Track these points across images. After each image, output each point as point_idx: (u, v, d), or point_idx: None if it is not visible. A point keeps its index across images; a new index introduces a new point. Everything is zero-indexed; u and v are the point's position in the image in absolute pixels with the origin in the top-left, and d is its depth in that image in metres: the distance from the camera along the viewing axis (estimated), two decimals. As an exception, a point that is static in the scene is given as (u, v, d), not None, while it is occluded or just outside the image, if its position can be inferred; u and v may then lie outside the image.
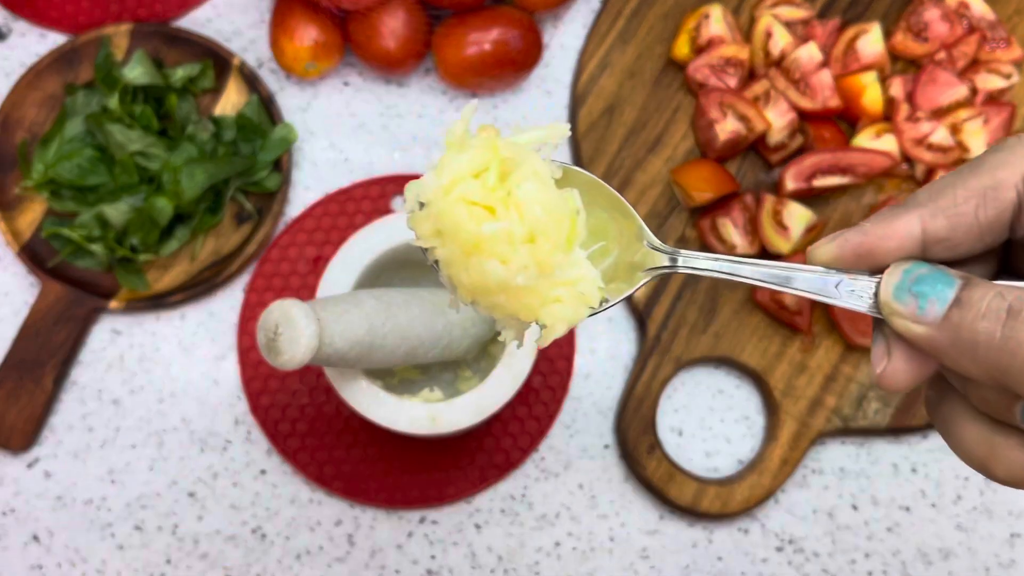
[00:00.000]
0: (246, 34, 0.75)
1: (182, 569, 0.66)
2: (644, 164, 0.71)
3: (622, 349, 0.70)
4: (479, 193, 0.27)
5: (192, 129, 0.70)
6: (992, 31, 0.73)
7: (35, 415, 0.66)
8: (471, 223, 0.27)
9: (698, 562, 0.67)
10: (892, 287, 0.26)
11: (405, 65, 0.71)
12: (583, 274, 0.28)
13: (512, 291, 0.28)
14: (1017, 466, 0.26)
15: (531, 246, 0.27)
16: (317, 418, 0.68)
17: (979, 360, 0.25)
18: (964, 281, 0.25)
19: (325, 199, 0.71)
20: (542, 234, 0.27)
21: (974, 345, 0.25)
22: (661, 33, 0.74)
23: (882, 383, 0.27)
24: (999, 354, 0.24)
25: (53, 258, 0.68)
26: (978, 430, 0.27)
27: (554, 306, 0.28)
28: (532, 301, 0.28)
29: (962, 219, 0.26)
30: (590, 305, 0.29)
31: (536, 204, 0.27)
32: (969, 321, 0.25)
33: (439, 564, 0.66)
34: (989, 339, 0.24)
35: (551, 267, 0.27)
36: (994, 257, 0.28)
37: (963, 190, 0.26)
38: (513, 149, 0.28)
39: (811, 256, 0.28)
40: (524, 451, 0.67)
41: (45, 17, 0.74)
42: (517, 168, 0.28)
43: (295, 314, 0.45)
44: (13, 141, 0.70)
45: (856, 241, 0.27)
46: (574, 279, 0.28)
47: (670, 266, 0.30)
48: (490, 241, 0.27)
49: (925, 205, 0.26)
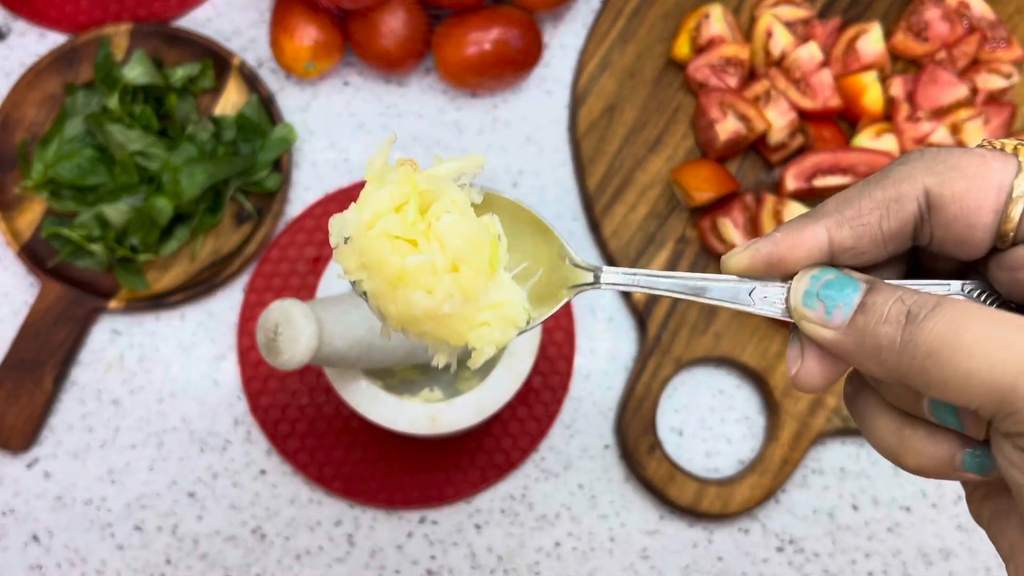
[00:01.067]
0: (246, 34, 0.75)
1: (182, 569, 0.66)
2: (644, 164, 0.71)
3: (622, 349, 0.70)
4: (400, 227, 0.28)
5: (192, 129, 0.70)
6: (992, 31, 0.73)
7: (35, 415, 0.66)
8: (394, 257, 0.28)
9: (698, 562, 0.67)
10: (801, 293, 0.27)
11: (405, 65, 0.71)
12: (508, 297, 0.29)
13: (439, 319, 0.29)
14: (924, 456, 0.27)
15: (455, 275, 0.28)
16: (317, 418, 0.68)
17: (882, 362, 0.26)
18: (868, 285, 0.27)
19: (325, 199, 0.71)
20: (464, 262, 0.28)
21: (877, 349, 0.26)
22: (661, 33, 0.74)
23: (797, 384, 0.28)
24: (899, 357, 0.25)
25: (53, 258, 0.68)
26: (889, 422, 0.28)
27: (482, 329, 0.29)
28: (460, 327, 0.29)
29: (867, 229, 0.27)
30: (516, 326, 0.30)
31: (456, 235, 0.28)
32: (872, 326, 0.26)
33: (439, 564, 0.66)
34: (891, 343, 0.25)
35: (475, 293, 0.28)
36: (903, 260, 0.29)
37: (868, 201, 0.27)
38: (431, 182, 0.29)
39: (725, 266, 0.29)
40: (524, 451, 0.67)
41: (45, 17, 0.74)
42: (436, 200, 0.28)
43: (295, 314, 0.45)
44: (13, 141, 0.70)
45: (767, 251, 0.28)
46: (499, 302, 0.29)
47: (593, 283, 0.30)
48: (414, 273, 0.28)
49: (832, 215, 0.27)
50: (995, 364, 0.23)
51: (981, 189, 0.26)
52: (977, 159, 0.26)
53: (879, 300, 0.26)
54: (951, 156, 0.26)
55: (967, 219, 0.26)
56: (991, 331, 0.24)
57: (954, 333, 0.24)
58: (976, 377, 0.23)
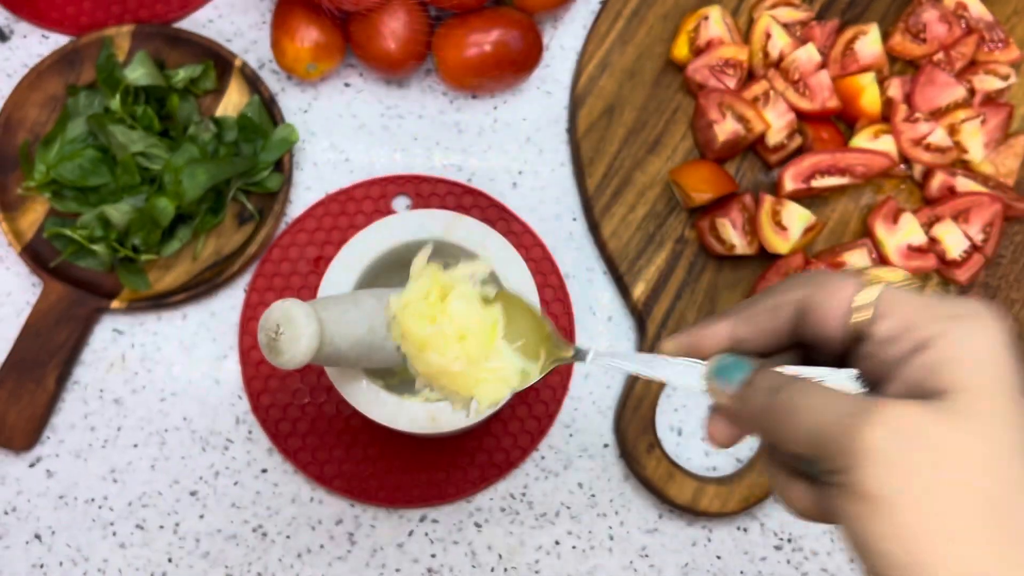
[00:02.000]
0: (247, 35, 0.76)
1: (183, 568, 0.66)
2: (643, 164, 0.72)
3: (622, 349, 0.70)
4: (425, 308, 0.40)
5: (194, 130, 0.70)
6: (990, 32, 0.73)
7: (37, 415, 0.67)
8: (419, 328, 0.39)
9: (697, 561, 0.67)
10: (708, 370, 0.36)
11: (406, 66, 0.71)
12: (505, 364, 0.40)
13: (451, 375, 0.40)
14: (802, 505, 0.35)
15: (462, 343, 0.39)
16: (318, 417, 0.68)
17: (758, 426, 0.34)
18: (757, 367, 0.35)
19: (326, 199, 0.71)
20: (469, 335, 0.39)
21: (754, 415, 0.34)
22: (660, 34, 0.74)
23: (710, 441, 0.37)
24: (767, 421, 0.33)
25: (55, 258, 0.69)
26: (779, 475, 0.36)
27: (483, 385, 0.40)
28: (468, 382, 0.40)
29: (758, 327, 0.36)
30: (510, 386, 0.40)
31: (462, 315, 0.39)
32: (750, 396, 0.34)
33: (439, 563, 0.67)
34: (762, 410, 0.33)
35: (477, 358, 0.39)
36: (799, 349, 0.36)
37: (759, 307, 0.36)
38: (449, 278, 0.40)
39: (660, 348, 0.38)
40: (524, 450, 0.68)
41: (47, 18, 0.75)
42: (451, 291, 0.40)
43: (296, 314, 0.45)
44: (15, 142, 0.71)
45: (686, 341, 0.37)
46: (497, 368, 0.40)
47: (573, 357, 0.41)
48: (432, 339, 0.39)
49: (733, 316, 0.36)
50: (817, 423, 0.31)
51: (834, 302, 0.33)
52: (837, 280, 0.34)
53: (758, 379, 0.34)
54: (820, 277, 0.34)
55: (825, 323, 0.34)
56: (818, 400, 0.31)
57: (795, 401, 0.32)
58: (804, 431, 0.31)
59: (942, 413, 0.29)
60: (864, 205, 0.72)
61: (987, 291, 0.71)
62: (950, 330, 0.30)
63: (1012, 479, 0.29)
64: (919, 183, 0.72)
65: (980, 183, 0.70)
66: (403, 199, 0.72)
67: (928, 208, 0.70)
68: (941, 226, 0.69)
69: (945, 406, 0.29)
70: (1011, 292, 0.71)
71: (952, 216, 0.70)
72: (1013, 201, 0.70)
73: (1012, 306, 0.70)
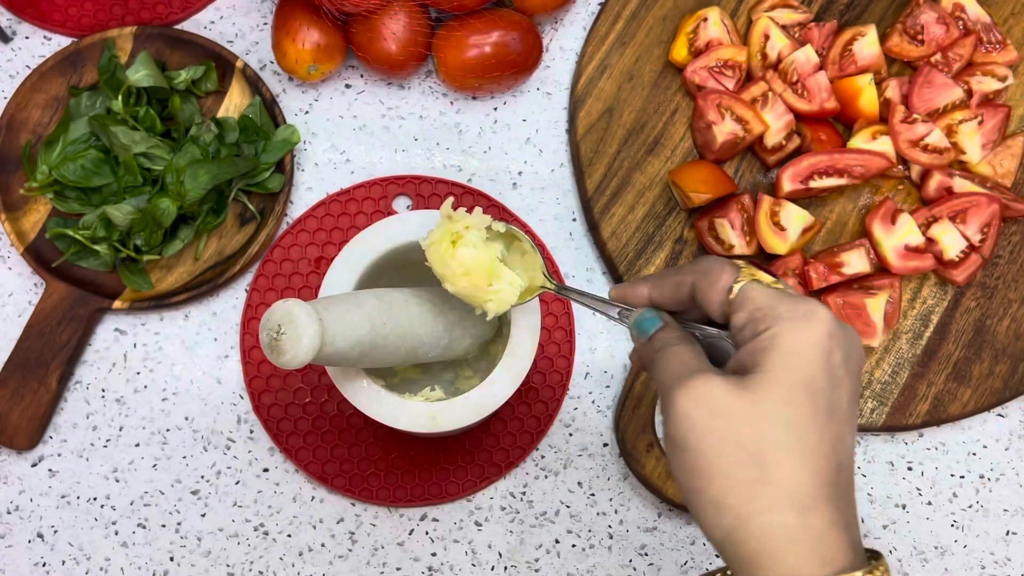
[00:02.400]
0: (249, 37, 0.76)
1: (185, 566, 0.66)
2: (643, 165, 0.72)
3: (621, 348, 0.71)
4: (441, 252, 0.52)
5: (195, 131, 0.70)
6: (987, 34, 0.74)
7: (39, 414, 0.67)
8: (438, 267, 0.53)
9: (696, 559, 0.67)
10: (632, 320, 0.47)
11: (406, 67, 0.72)
12: (504, 287, 0.53)
13: (465, 296, 0.53)
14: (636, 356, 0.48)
15: (467, 277, 0.52)
16: (319, 417, 0.68)
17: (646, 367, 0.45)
18: (664, 323, 0.45)
19: (327, 200, 0.72)
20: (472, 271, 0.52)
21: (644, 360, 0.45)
22: (659, 36, 0.75)
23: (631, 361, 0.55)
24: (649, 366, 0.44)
25: (57, 258, 0.69)
26: None
27: (489, 303, 0.53)
28: (478, 299, 0.53)
29: (666, 294, 0.45)
30: (509, 303, 0.53)
31: (466, 258, 0.52)
32: (647, 347, 0.45)
33: (440, 561, 0.67)
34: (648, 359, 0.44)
35: (482, 285, 0.52)
36: None
37: (668, 280, 0.45)
38: (461, 226, 0.53)
39: (609, 294, 0.48)
40: (524, 449, 0.68)
41: (49, 20, 0.75)
42: (460, 239, 0.52)
43: (297, 314, 0.46)
44: (18, 142, 0.71)
45: (621, 294, 0.48)
46: (499, 289, 0.53)
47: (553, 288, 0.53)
48: (447, 275, 0.53)
49: (651, 282, 0.46)
50: (661, 380, 0.42)
51: (714, 290, 0.42)
52: (717, 270, 0.42)
53: (657, 336, 0.44)
54: (705, 264, 0.43)
55: (709, 304, 0.43)
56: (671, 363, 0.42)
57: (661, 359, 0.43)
58: (657, 383, 0.43)
59: (739, 386, 0.39)
60: (862, 206, 0.72)
61: (984, 291, 0.71)
62: (778, 326, 0.39)
63: (770, 438, 0.38)
64: (917, 184, 0.72)
65: (978, 184, 0.70)
66: (404, 199, 0.73)
67: (926, 209, 0.70)
68: (939, 227, 0.70)
69: (745, 381, 0.39)
70: (1008, 292, 0.71)
71: (950, 217, 0.70)
72: (1010, 202, 0.70)
73: (1010, 306, 0.71)
